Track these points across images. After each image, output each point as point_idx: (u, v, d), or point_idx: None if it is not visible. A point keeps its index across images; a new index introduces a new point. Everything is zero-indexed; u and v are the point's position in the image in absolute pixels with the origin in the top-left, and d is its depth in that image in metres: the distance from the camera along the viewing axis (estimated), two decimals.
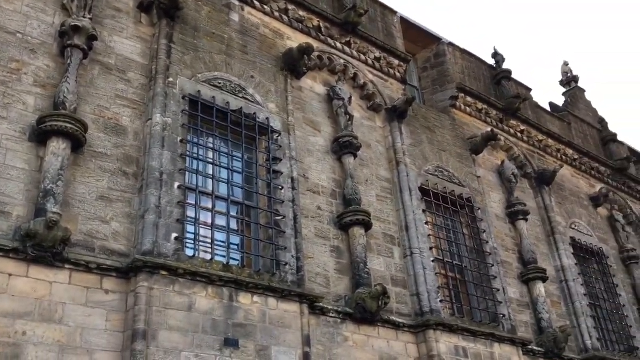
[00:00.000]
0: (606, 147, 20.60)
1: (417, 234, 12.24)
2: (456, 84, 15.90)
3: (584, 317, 14.79)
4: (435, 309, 11.47)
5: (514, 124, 17.00)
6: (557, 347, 13.45)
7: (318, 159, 11.87)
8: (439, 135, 14.71)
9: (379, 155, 13.17)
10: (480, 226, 13.84)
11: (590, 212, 18.11)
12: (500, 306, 12.87)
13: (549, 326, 13.74)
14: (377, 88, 13.78)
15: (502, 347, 12.12)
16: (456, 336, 11.44)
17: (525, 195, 16.21)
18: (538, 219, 16.14)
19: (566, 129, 19.24)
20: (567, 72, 22.56)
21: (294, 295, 9.44)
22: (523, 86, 18.48)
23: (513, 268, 14.43)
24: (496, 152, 16.32)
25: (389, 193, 12.79)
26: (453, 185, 14.01)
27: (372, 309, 10.35)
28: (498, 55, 18.01)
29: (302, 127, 11.94)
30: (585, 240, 16.96)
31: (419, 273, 11.80)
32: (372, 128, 13.45)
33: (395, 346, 10.81)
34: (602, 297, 16.28)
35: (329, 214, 11.38)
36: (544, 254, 15.54)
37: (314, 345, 9.59)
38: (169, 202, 8.92)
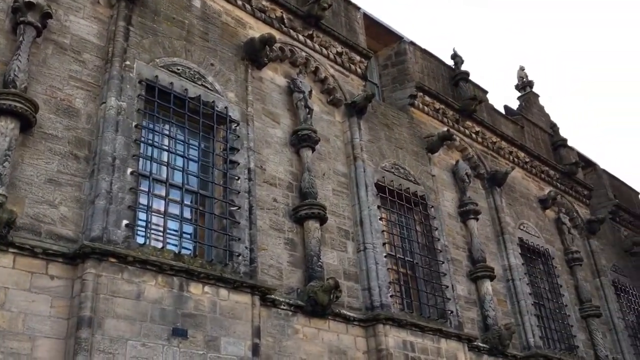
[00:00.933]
0: (556, 151, 21.26)
1: (371, 229, 12.37)
2: (415, 83, 16.10)
3: (528, 315, 15.25)
4: (385, 303, 11.62)
5: (470, 125, 17.34)
6: (502, 344, 13.83)
7: (276, 151, 11.83)
8: (397, 132, 14.88)
9: (337, 149, 13.21)
10: (432, 224, 14.08)
11: (538, 214, 18.66)
12: (449, 303, 13.15)
13: (495, 323, 14.11)
14: (338, 83, 13.82)
15: (448, 342, 12.38)
16: (405, 331, 11.63)
17: (477, 195, 16.57)
18: (488, 219, 16.53)
19: (519, 132, 19.74)
20: (523, 77, 23.14)
21: (245, 287, 9.40)
22: (480, 88, 18.86)
23: (462, 266, 14.75)
24: (451, 152, 16.62)
25: (345, 188, 12.86)
26: (408, 182, 14.20)
27: (323, 302, 10.40)
28: (457, 56, 18.32)
29: (261, 118, 11.87)
30: (533, 241, 17.48)
31: (371, 268, 11.93)
32: (331, 122, 13.48)
33: (345, 339, 10.91)
34: (546, 297, 16.82)
35: (284, 207, 11.37)
36: (493, 253, 15.94)
37: (264, 337, 9.58)
38: (121, 188, 8.73)
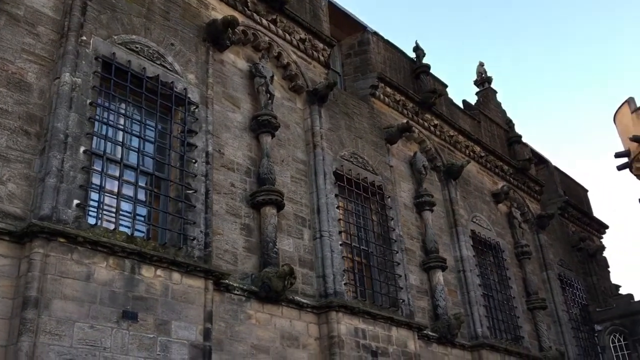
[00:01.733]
0: (511, 147, 21.77)
1: (327, 217, 12.42)
2: (377, 74, 16.18)
3: (477, 306, 15.65)
4: (339, 291, 11.72)
5: (429, 117, 17.56)
6: (450, 333, 14.16)
7: (235, 135, 11.73)
8: (357, 122, 14.94)
9: (296, 136, 13.19)
10: (388, 214, 14.24)
11: (491, 207, 19.11)
12: (401, 292, 13.36)
13: (445, 313, 14.43)
14: (300, 69, 13.76)
15: (399, 330, 12.60)
16: (357, 318, 11.77)
17: (433, 187, 16.84)
18: (443, 211, 16.83)
19: (476, 127, 20.12)
20: (482, 73, 23.54)
21: (199, 271, 9.32)
22: (440, 82, 19.10)
23: (416, 256, 15.00)
24: (409, 144, 16.81)
25: (304, 175, 12.86)
26: (366, 172, 14.31)
27: (277, 288, 10.41)
28: (419, 49, 18.49)
29: (221, 102, 11.73)
30: (485, 233, 17.90)
31: (327, 255, 12.00)
32: (292, 109, 13.44)
33: (298, 326, 10.97)
34: (495, 288, 17.29)
35: (242, 192, 11.30)
36: (446, 244, 16.26)
37: (216, 322, 9.54)
38: (73, 167, 8.49)
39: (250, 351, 9.96)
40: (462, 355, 14.71)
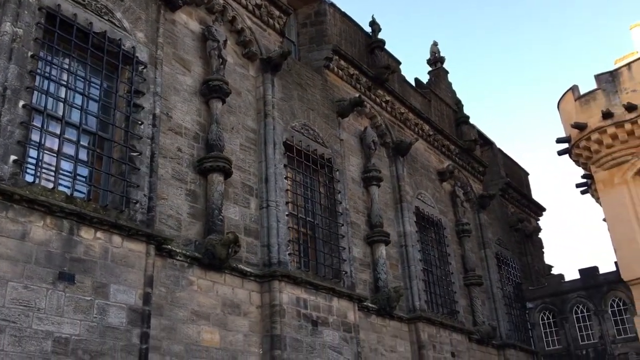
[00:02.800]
0: (458, 127, 22.21)
1: (275, 187, 12.40)
2: (332, 46, 16.09)
3: (416, 280, 16.07)
4: (283, 261, 11.78)
5: (381, 93, 17.65)
6: (389, 305, 14.52)
7: (184, 99, 11.47)
8: (310, 93, 14.87)
9: (248, 104, 13.02)
10: (336, 187, 14.34)
11: (436, 185, 19.52)
12: (344, 264, 13.55)
13: (385, 286, 14.76)
14: (255, 36, 13.52)
15: (340, 301, 12.81)
16: (299, 288, 11.88)
17: (381, 162, 17.03)
18: (389, 187, 17.08)
19: (426, 106, 20.39)
20: (435, 53, 23.77)
21: (141, 235, 9.16)
22: (394, 58, 19.18)
23: (361, 229, 15.21)
24: (360, 118, 16.89)
25: (253, 144, 12.75)
26: (316, 144, 14.31)
27: (221, 255, 10.37)
28: (375, 24, 18.47)
29: (171, 63, 11.42)
30: (428, 210, 18.31)
31: (273, 225, 12.01)
32: (245, 76, 13.23)
33: (240, 293, 10.99)
34: (435, 264, 17.78)
35: (189, 157, 11.11)
36: (390, 219, 16.55)
37: (157, 287, 9.43)
38: (11, 121, 8.11)
39: (191, 317, 9.93)
40: (400, 327, 15.13)
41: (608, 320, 20.29)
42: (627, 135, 16.57)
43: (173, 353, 9.44)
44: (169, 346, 9.42)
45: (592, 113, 17.13)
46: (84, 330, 7.99)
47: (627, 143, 16.65)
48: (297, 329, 11.46)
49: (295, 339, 11.31)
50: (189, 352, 9.69)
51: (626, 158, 16.72)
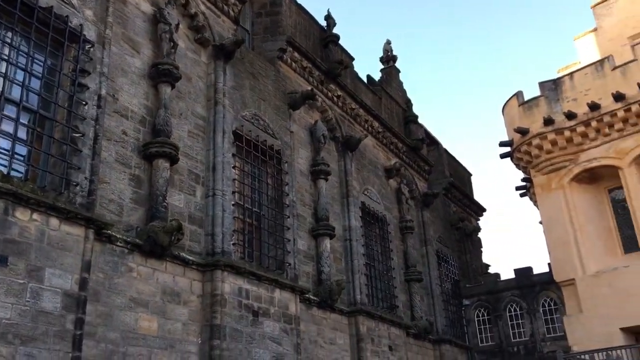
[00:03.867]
0: (407, 126, 22.59)
1: (222, 176, 12.29)
2: (287, 37, 16.03)
3: (359, 274, 16.29)
4: (227, 250, 11.70)
5: (333, 88, 17.73)
6: (331, 298, 14.67)
7: (132, 81, 11.19)
8: (262, 83, 14.78)
9: (198, 91, 12.82)
10: (284, 179, 14.34)
11: (382, 182, 19.81)
12: (288, 255, 13.59)
13: (328, 279, 14.89)
14: (208, 21, 13.31)
15: (282, 293, 12.85)
16: (242, 278, 11.84)
17: (330, 157, 17.14)
18: (337, 181, 17.22)
19: (377, 103, 20.62)
20: (388, 51, 24.04)
21: (80, 219, 8.90)
22: (347, 54, 19.28)
23: (306, 222, 15.27)
24: (312, 112, 16.93)
25: (202, 131, 12.58)
26: (266, 135, 14.26)
27: (163, 243, 10.21)
28: (330, 18, 18.51)
29: (120, 44, 11.11)
30: (374, 206, 18.56)
31: (218, 214, 11.90)
32: (196, 62, 13.02)
33: (181, 282, 10.86)
34: (377, 259, 18.07)
35: (134, 141, 10.86)
36: (336, 213, 16.69)
37: (94, 273, 9.21)
38: None
39: (129, 304, 9.74)
40: (340, 319, 15.31)
41: (539, 319, 21.15)
42: (565, 142, 17.23)
43: (108, 340, 9.25)
44: (105, 333, 9.22)
45: (534, 119, 17.72)
46: (15, 314, 7.72)
47: (566, 150, 17.31)
48: (237, 319, 11.42)
49: (235, 329, 11.28)
50: (125, 340, 9.51)
51: (564, 164, 17.39)
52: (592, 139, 16.97)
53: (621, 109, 16.29)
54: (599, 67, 17.17)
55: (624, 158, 16.36)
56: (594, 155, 16.99)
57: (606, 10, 21.14)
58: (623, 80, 16.41)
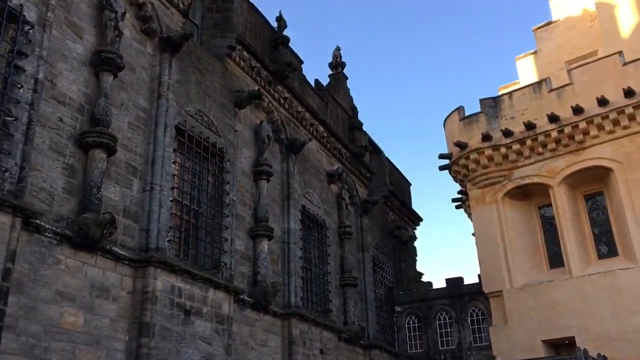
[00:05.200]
0: (351, 132, 22.83)
1: (162, 171, 12.04)
2: (237, 35, 15.90)
3: (295, 277, 16.30)
4: (161, 247, 11.46)
5: (280, 89, 17.71)
6: (265, 300, 14.61)
7: (72, 68, 10.81)
8: (208, 80, 14.59)
9: (141, 82, 12.52)
10: (225, 177, 14.19)
11: (324, 186, 19.92)
12: (225, 255, 13.45)
13: (264, 280, 14.83)
14: (157, 12, 13.04)
15: (216, 292, 12.70)
16: (176, 276, 11.62)
17: (274, 158, 17.10)
18: (279, 183, 17.19)
19: (323, 108, 20.74)
20: (337, 57, 24.23)
21: (7, 206, 8.52)
22: (297, 57, 19.32)
23: (245, 223, 15.16)
24: (257, 112, 16.85)
25: (143, 124, 12.29)
26: (210, 132, 14.07)
27: (95, 236, 9.90)
28: (282, 20, 18.52)
29: (62, 28, 10.72)
30: (314, 210, 18.64)
31: (154, 210, 11.65)
32: (141, 52, 12.71)
33: (111, 277, 10.55)
34: (314, 263, 18.15)
35: (70, 129, 10.49)
36: (276, 215, 16.65)
37: (19, 263, 8.83)
38: None
39: (54, 297, 9.39)
40: (273, 322, 15.27)
41: (467, 329, 21.79)
42: (501, 159, 17.85)
43: (30, 334, 8.88)
44: (27, 326, 8.85)
45: (473, 134, 18.27)
46: None
47: (501, 166, 17.93)
48: (168, 318, 11.20)
49: (165, 328, 11.06)
50: (48, 334, 9.16)
51: (498, 179, 18.01)
52: (526, 156, 17.65)
53: (555, 130, 17.02)
54: (537, 89, 17.90)
55: (555, 177, 17.10)
56: (527, 173, 17.67)
57: (546, 34, 22.10)
58: (558, 103, 17.16)
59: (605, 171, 16.38)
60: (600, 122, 16.34)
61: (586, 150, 16.74)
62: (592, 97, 16.41)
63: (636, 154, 15.85)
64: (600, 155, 16.48)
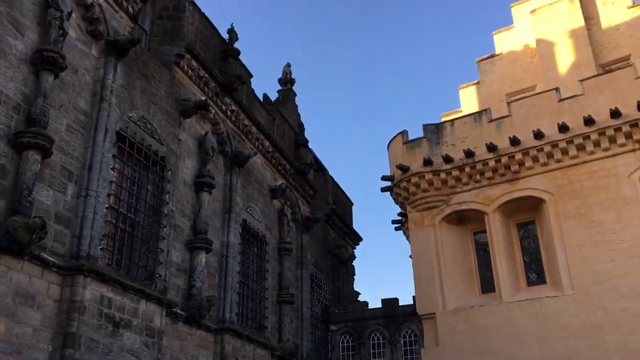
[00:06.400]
0: (297, 149, 22.90)
1: (99, 177, 11.70)
2: (186, 44, 15.74)
3: (231, 291, 16.08)
4: (93, 255, 11.09)
5: (228, 102, 17.61)
6: (199, 314, 14.33)
7: (11, 64, 10.42)
8: (154, 87, 14.35)
9: (83, 84, 12.19)
10: (165, 187, 13.92)
11: (266, 201, 19.84)
12: (160, 266, 13.14)
13: (198, 294, 14.56)
14: (104, 15, 12.76)
15: (148, 305, 12.35)
16: (106, 286, 11.25)
17: (217, 170, 16.92)
18: (221, 195, 17.00)
19: (270, 123, 20.74)
20: (287, 73, 24.36)
21: None
22: (246, 70, 19.29)
23: (184, 234, 14.89)
24: (203, 122, 16.67)
25: (83, 127, 11.94)
26: (152, 140, 13.81)
27: (22, 240, 9.49)
28: (233, 32, 18.50)
29: (3, 23, 10.35)
30: (255, 225, 18.52)
31: (88, 216, 11.28)
32: (85, 54, 12.39)
33: (37, 284, 10.12)
34: (252, 278, 17.98)
35: (4, 127, 10.08)
36: (216, 228, 16.44)
37: None
38: None
39: None
40: (206, 337, 14.98)
41: (400, 349, 22.00)
42: (441, 184, 18.30)
43: None
44: None
45: (415, 158, 18.68)
46: None
47: (440, 190, 18.38)
48: (95, 329, 10.81)
49: (92, 339, 10.66)
50: None
51: (437, 204, 18.44)
52: (465, 183, 18.16)
53: (492, 159, 17.61)
54: (478, 118, 18.51)
55: (490, 204, 17.66)
56: (464, 199, 18.17)
57: (489, 66, 22.97)
58: (497, 133, 17.80)
59: (538, 202, 17.05)
60: (535, 154, 17.03)
61: (521, 181, 17.39)
62: (528, 130, 17.10)
63: (567, 187, 16.58)
64: (533, 186, 17.14)
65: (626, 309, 14.70)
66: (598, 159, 16.35)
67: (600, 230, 15.74)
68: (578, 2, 21.26)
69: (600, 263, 15.43)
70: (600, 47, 20.82)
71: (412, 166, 18.70)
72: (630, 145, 15.93)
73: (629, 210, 15.48)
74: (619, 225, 15.50)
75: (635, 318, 14.52)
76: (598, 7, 21.52)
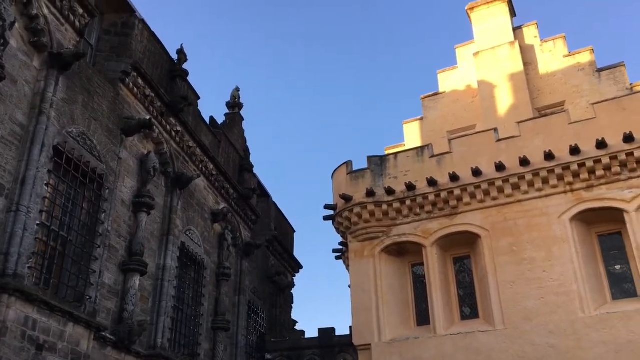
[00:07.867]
0: (241, 173, 22.77)
1: (32, 192, 11.26)
2: (133, 61, 15.52)
3: (164, 316, 15.64)
4: (20, 274, 10.60)
5: (173, 122, 17.39)
6: (129, 339, 13.85)
7: None
8: (97, 103, 14.03)
9: (22, 96, 11.79)
10: (101, 206, 13.52)
11: (207, 225, 19.55)
12: (91, 288, 12.67)
13: (130, 318, 14.09)
14: (49, 27, 12.46)
15: (75, 327, 11.86)
16: (32, 307, 10.75)
17: (157, 191, 16.59)
18: (160, 217, 16.64)
19: (216, 146, 20.59)
20: (236, 97, 24.35)
21: None
22: (194, 91, 19.16)
23: (118, 255, 14.45)
24: (146, 141, 16.38)
25: (18, 140, 11.51)
26: (91, 156, 13.44)
27: None
28: (183, 53, 18.39)
29: None
30: (194, 248, 18.18)
31: (17, 233, 10.81)
32: (27, 65, 12.02)
33: None
34: (187, 303, 17.56)
35: None
36: (153, 250, 16.04)
37: None
38: None
39: None
40: None
41: None
42: (382, 215, 18.53)
43: None
44: None
45: (358, 188, 18.89)
46: None
47: (382, 222, 18.60)
48: (17, 351, 10.27)
49: None
50: None
51: (378, 235, 18.63)
52: (405, 215, 18.46)
53: (432, 194, 18.01)
54: (420, 153, 18.96)
55: (429, 238, 17.99)
56: (404, 231, 18.44)
57: (432, 103, 23.67)
58: (438, 169, 18.26)
59: (474, 237, 17.49)
60: (473, 190, 17.54)
61: (459, 216, 17.83)
62: (467, 167, 17.64)
63: (502, 224, 17.11)
64: (470, 222, 17.59)
65: (553, 345, 15.17)
66: (531, 198, 16.98)
67: (531, 267, 16.26)
68: (518, 48, 22.31)
69: (530, 300, 15.91)
70: (537, 92, 21.84)
71: (355, 196, 18.89)
72: (562, 187, 16.65)
73: (558, 250, 16.09)
74: (549, 264, 16.07)
75: (560, 354, 15.00)
76: (537, 54, 22.63)
